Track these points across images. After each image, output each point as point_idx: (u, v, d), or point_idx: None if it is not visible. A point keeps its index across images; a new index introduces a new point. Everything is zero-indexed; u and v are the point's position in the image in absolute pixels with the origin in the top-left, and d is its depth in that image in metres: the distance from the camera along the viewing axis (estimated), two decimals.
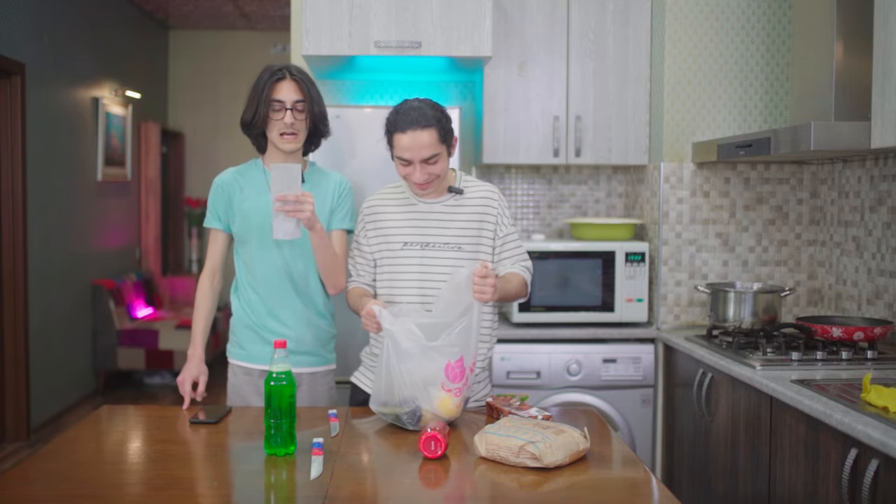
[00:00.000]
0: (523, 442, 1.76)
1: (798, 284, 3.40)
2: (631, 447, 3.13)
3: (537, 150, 3.46)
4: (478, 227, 2.31)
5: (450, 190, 2.32)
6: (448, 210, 2.31)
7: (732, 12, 3.30)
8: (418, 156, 2.17)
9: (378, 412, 2.08)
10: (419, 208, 2.32)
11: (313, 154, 3.15)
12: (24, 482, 1.71)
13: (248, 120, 2.33)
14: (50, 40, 5.23)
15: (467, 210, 2.32)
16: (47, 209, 5.18)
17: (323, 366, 2.47)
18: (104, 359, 6.02)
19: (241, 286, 2.44)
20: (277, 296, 2.39)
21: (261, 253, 2.38)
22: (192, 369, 2.37)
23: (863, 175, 3.07)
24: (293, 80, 2.31)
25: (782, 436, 2.30)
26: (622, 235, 3.42)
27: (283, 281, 2.38)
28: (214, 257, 2.45)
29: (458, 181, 2.34)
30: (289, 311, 2.39)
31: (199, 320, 2.45)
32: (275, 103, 2.29)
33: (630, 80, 3.46)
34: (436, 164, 2.20)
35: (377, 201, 2.37)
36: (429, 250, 2.30)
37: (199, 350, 2.40)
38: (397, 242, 2.31)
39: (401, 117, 2.18)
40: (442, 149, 2.20)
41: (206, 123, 7.86)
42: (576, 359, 3.24)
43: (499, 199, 2.35)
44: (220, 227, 2.42)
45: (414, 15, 3.09)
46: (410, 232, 2.31)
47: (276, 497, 1.70)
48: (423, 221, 2.31)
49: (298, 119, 2.32)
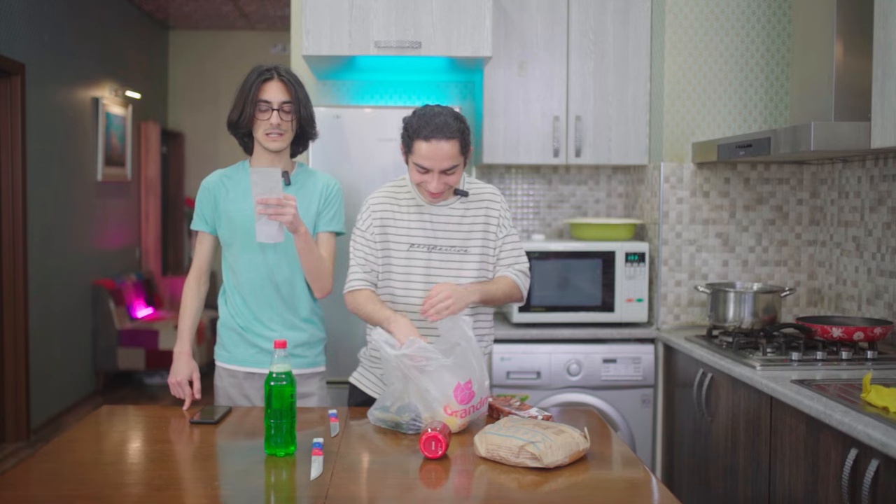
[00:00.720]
0: (523, 442, 1.76)
1: (798, 284, 3.40)
2: (631, 447, 3.13)
3: (537, 150, 3.46)
4: (483, 230, 2.31)
5: (456, 192, 2.30)
6: (455, 213, 2.30)
7: (732, 12, 3.30)
8: (438, 166, 2.14)
9: (376, 419, 2.08)
10: (426, 210, 2.29)
11: (314, 153, 3.16)
12: (24, 482, 1.71)
13: (234, 119, 2.32)
14: (50, 40, 5.23)
15: (472, 213, 2.31)
16: (47, 209, 5.18)
17: (309, 368, 2.43)
18: (104, 359, 6.02)
19: (227, 290, 2.44)
20: (261, 300, 2.37)
21: (245, 256, 2.36)
22: (183, 368, 2.37)
23: (863, 175, 3.07)
24: (281, 80, 2.30)
25: (782, 436, 2.30)
26: (622, 235, 3.42)
27: (266, 285, 2.36)
28: (200, 259, 2.46)
29: (463, 183, 2.32)
30: (273, 314, 2.38)
31: (186, 318, 2.45)
32: (261, 103, 2.28)
33: (630, 80, 3.46)
34: (453, 175, 2.19)
35: (384, 199, 2.32)
36: (435, 253, 2.28)
37: (187, 346, 2.40)
38: (404, 244, 2.28)
39: (424, 124, 2.13)
40: (461, 160, 2.19)
41: (206, 123, 7.86)
42: (576, 359, 3.24)
43: (501, 200, 2.35)
44: (207, 229, 2.42)
45: (414, 15, 3.09)
46: (418, 234, 2.28)
47: (276, 497, 1.70)
48: (431, 224, 2.29)
49: (285, 120, 2.31)
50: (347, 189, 3.01)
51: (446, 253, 2.28)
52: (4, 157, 4.70)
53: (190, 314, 2.45)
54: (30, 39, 4.94)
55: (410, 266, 2.28)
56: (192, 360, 2.40)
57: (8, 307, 4.75)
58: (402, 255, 2.28)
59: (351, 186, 3.07)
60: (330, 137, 3.14)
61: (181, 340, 2.41)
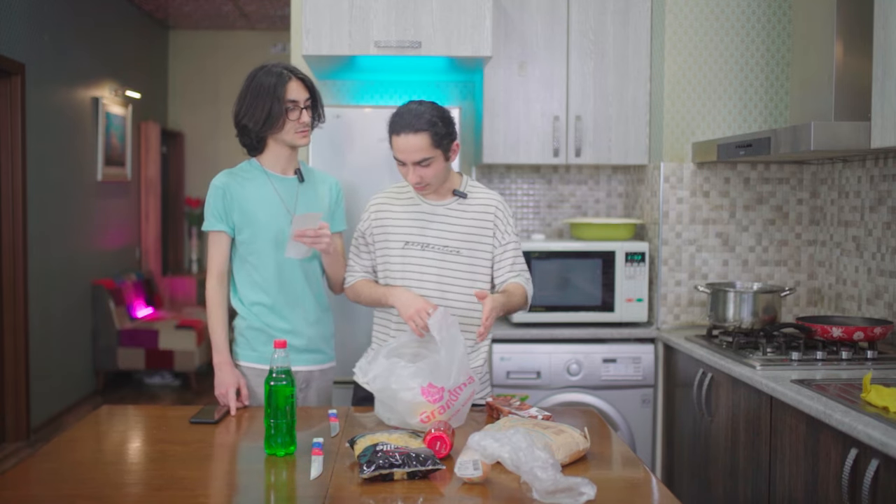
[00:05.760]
0: None
1: (798, 284, 3.40)
2: (631, 447, 3.13)
3: (537, 150, 3.46)
4: (477, 233, 2.34)
5: (454, 193, 2.35)
6: (450, 213, 2.35)
7: (732, 12, 3.30)
8: (410, 158, 2.22)
9: None
10: (423, 209, 2.35)
11: (315, 153, 3.16)
12: (24, 482, 1.71)
13: (259, 121, 2.31)
14: (50, 40, 5.23)
15: (468, 215, 2.35)
16: (47, 209, 5.18)
17: (328, 363, 2.52)
18: (104, 359, 6.02)
19: (242, 287, 2.42)
20: (289, 294, 2.39)
21: (273, 253, 2.37)
22: (228, 376, 2.34)
23: (863, 175, 3.07)
24: (298, 79, 2.36)
25: (782, 436, 2.30)
26: (622, 235, 3.42)
27: (295, 278, 2.39)
28: (221, 260, 2.40)
29: (464, 185, 2.38)
30: (300, 309, 2.41)
31: (219, 327, 2.38)
32: (289, 103, 2.31)
33: (630, 80, 3.46)
34: (428, 168, 2.23)
35: (384, 199, 2.42)
36: (428, 251, 2.33)
37: (227, 356, 2.37)
38: (399, 241, 2.35)
39: (396, 119, 2.24)
40: (435, 153, 2.23)
41: (206, 123, 7.86)
42: (576, 359, 3.24)
43: (502, 208, 2.38)
44: (225, 228, 2.38)
45: (414, 15, 3.09)
46: (412, 232, 2.34)
47: (276, 497, 1.70)
48: (425, 222, 2.34)
49: (309, 116, 2.38)
50: (347, 189, 3.01)
51: (439, 252, 2.32)
52: (4, 157, 4.70)
53: (222, 321, 2.39)
54: (30, 39, 4.94)
55: (406, 264, 2.34)
56: (235, 369, 2.37)
57: (8, 307, 4.75)
58: (397, 252, 2.35)
59: (351, 186, 3.07)
60: (330, 137, 3.14)
61: (220, 351, 2.36)
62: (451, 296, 2.33)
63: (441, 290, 2.32)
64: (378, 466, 1.68)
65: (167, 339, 6.03)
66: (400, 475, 1.69)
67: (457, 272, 2.33)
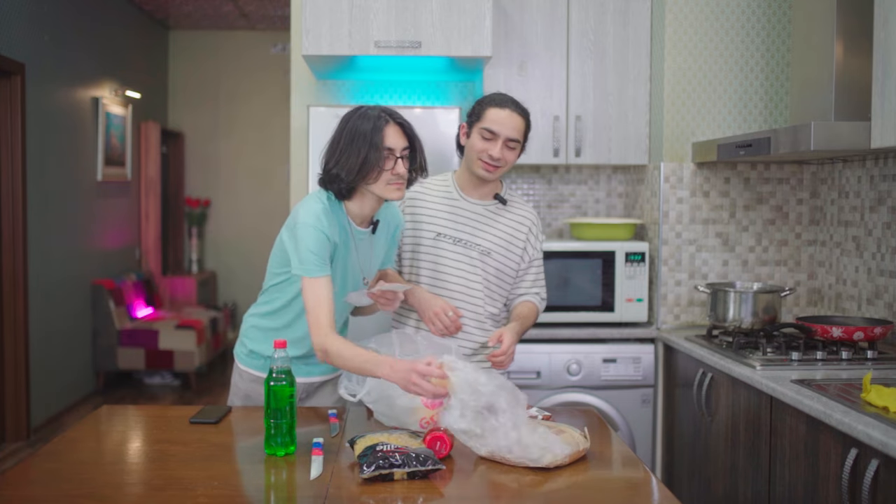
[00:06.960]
0: None
1: (798, 284, 3.40)
2: (631, 447, 3.13)
3: (537, 149, 3.46)
4: (509, 243, 2.37)
5: (495, 197, 2.39)
6: (488, 214, 2.38)
7: (732, 12, 3.30)
8: (506, 133, 2.25)
9: None
10: (460, 204, 2.38)
11: (314, 153, 3.16)
12: (24, 482, 1.71)
13: (353, 170, 2.05)
14: (50, 40, 5.23)
15: (504, 222, 2.38)
16: (47, 209, 5.18)
17: (331, 374, 2.41)
18: (104, 359, 6.02)
19: (283, 316, 2.23)
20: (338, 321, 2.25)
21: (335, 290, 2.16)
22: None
23: (863, 175, 3.07)
24: (397, 123, 2.10)
25: (782, 436, 2.30)
26: (622, 235, 3.42)
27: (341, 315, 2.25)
28: (330, 305, 2.07)
29: (504, 192, 2.42)
30: None
31: (361, 358, 1.99)
32: (385, 150, 2.05)
33: (630, 80, 3.46)
34: (512, 151, 2.29)
35: (418, 190, 2.42)
36: (460, 246, 2.35)
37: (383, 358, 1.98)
38: (431, 232, 2.36)
39: (498, 96, 2.30)
40: (521, 143, 2.31)
41: (206, 123, 7.85)
42: (576, 359, 3.24)
43: (537, 223, 2.44)
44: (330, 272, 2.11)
45: (414, 15, 3.09)
46: (446, 224, 2.36)
47: (276, 497, 1.70)
48: (461, 218, 2.36)
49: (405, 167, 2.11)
50: None
51: (471, 249, 2.35)
52: (4, 157, 4.70)
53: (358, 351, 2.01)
54: (30, 39, 4.94)
55: (437, 255, 2.35)
56: None
57: (8, 307, 4.75)
58: (429, 242, 2.36)
59: None
60: None
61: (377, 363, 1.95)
62: (473, 292, 2.35)
63: (466, 286, 2.34)
64: (378, 466, 1.68)
65: (167, 339, 6.03)
66: (400, 475, 1.70)
67: (485, 273, 2.35)
